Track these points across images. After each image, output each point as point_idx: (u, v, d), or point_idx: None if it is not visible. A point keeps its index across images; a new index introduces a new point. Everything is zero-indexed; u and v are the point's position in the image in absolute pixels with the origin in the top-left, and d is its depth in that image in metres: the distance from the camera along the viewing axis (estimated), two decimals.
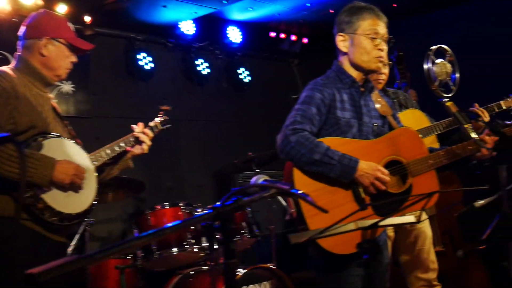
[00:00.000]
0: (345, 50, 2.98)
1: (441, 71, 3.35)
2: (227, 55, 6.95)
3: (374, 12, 2.97)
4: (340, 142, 2.82)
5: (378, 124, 3.03)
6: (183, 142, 6.55)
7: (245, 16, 6.45)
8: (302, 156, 2.73)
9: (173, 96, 6.40)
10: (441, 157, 2.96)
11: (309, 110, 2.84)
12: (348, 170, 2.73)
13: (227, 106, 6.98)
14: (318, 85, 2.93)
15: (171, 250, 4.65)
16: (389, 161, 2.90)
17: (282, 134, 2.81)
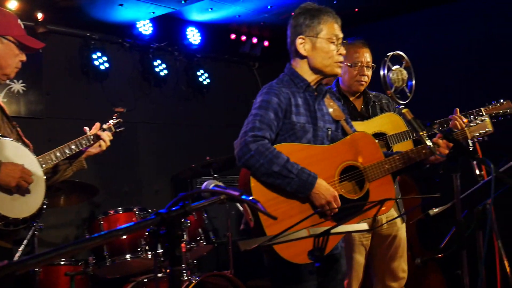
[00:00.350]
0: (304, 54, 2.94)
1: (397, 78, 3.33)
2: (186, 56, 6.82)
3: (333, 16, 2.97)
4: (296, 148, 2.77)
5: (332, 128, 3.00)
6: (140, 145, 6.41)
7: (205, 17, 6.35)
8: (261, 166, 2.66)
9: (130, 98, 6.26)
10: (397, 162, 2.95)
11: (267, 115, 2.77)
12: (306, 186, 2.68)
13: (185, 108, 6.85)
14: (274, 89, 2.86)
15: (124, 257, 4.54)
16: (346, 167, 2.88)
17: (241, 140, 2.72)
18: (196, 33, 6.56)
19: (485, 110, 3.75)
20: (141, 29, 6.07)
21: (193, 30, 6.55)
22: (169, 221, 1.74)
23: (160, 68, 6.42)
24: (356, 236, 3.71)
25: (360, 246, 3.75)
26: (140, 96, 6.41)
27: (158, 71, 6.42)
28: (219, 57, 7.27)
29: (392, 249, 3.82)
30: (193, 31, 6.54)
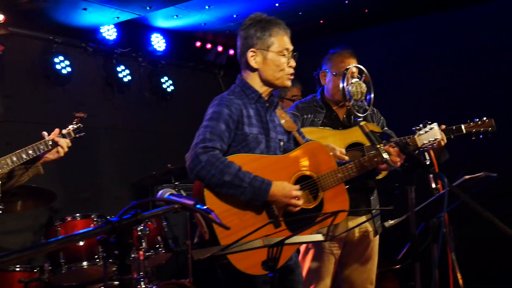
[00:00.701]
0: (256, 66, 2.94)
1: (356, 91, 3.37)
2: (150, 63, 6.78)
3: (283, 28, 2.97)
4: (250, 159, 2.77)
5: (284, 139, 3.01)
6: (102, 151, 6.34)
7: (170, 24, 6.33)
8: (212, 177, 2.64)
9: (92, 103, 6.18)
10: (350, 170, 2.98)
11: (218, 126, 2.75)
12: (260, 193, 2.67)
13: (148, 115, 6.80)
14: (225, 100, 2.86)
15: (80, 264, 4.48)
16: (299, 176, 2.88)
17: (192, 152, 2.70)
18: (161, 39, 6.53)
19: (466, 127, 3.72)
20: (105, 34, 6.02)
21: (158, 36, 6.51)
22: (120, 229, 1.72)
23: (123, 73, 6.37)
24: (326, 244, 3.68)
25: (330, 255, 3.72)
26: (102, 102, 6.35)
27: (122, 76, 6.36)
28: (184, 65, 7.24)
29: (362, 259, 3.81)
30: (158, 38, 6.51)
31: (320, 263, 3.70)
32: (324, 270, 3.70)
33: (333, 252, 3.73)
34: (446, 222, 3.59)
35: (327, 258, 3.71)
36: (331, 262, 3.73)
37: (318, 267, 3.68)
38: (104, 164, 6.35)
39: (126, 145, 6.54)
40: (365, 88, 3.38)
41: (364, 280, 3.82)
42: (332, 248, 3.71)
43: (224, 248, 2.07)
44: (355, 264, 3.81)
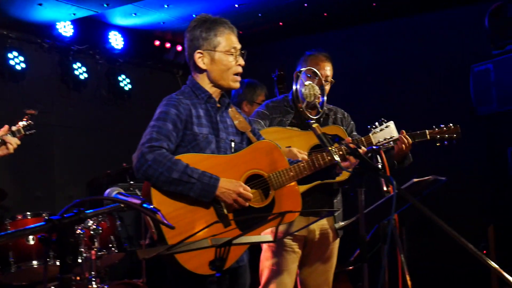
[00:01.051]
0: (204, 67, 2.92)
1: (309, 93, 3.40)
2: (108, 60, 6.69)
3: (229, 26, 2.96)
4: (199, 159, 2.76)
5: (236, 140, 3.00)
6: (56, 149, 6.23)
7: (129, 22, 6.27)
8: (160, 175, 2.61)
9: (47, 100, 6.08)
10: (302, 169, 2.98)
11: (165, 126, 2.73)
12: (209, 189, 2.66)
13: (105, 114, 6.71)
14: (173, 100, 2.84)
15: (30, 263, 4.41)
16: (250, 175, 2.88)
17: (138, 152, 2.68)
18: (119, 37, 6.46)
19: (430, 133, 3.76)
20: (61, 30, 5.92)
21: (116, 34, 6.44)
22: (61, 228, 1.70)
23: (80, 71, 6.27)
24: (287, 243, 3.67)
25: (292, 253, 3.70)
26: (58, 99, 6.25)
27: (78, 74, 6.26)
28: (142, 63, 7.17)
29: (321, 261, 3.82)
30: (116, 35, 6.43)
31: (282, 262, 3.69)
32: (286, 269, 3.69)
33: (295, 251, 3.72)
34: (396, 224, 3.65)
35: (289, 256, 3.70)
36: (294, 261, 3.72)
37: (280, 266, 3.68)
38: (58, 162, 6.25)
39: (81, 144, 6.44)
40: (318, 90, 3.42)
41: (321, 282, 3.84)
42: (293, 247, 3.71)
43: (169, 247, 2.06)
44: (314, 266, 3.82)
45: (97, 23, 6.26)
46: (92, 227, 4.61)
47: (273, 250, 3.71)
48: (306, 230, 3.71)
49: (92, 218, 4.55)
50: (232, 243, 2.24)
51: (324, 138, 2.90)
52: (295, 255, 3.72)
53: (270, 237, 2.49)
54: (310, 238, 3.76)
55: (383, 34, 6.38)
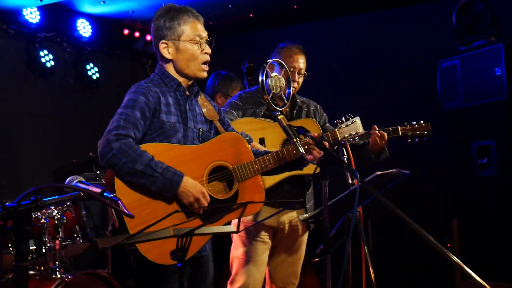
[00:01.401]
0: (169, 57, 2.90)
1: (275, 85, 3.40)
2: (76, 48, 6.61)
3: (193, 14, 2.93)
4: (164, 148, 2.73)
5: (203, 129, 2.98)
6: (22, 137, 6.14)
7: (97, 10, 6.20)
8: (123, 165, 2.58)
9: (13, 88, 5.98)
10: (267, 162, 2.97)
11: (133, 114, 2.70)
12: (171, 184, 2.64)
13: (72, 102, 6.63)
14: (142, 88, 2.81)
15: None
16: (215, 167, 2.87)
17: (104, 139, 2.64)
18: (87, 25, 6.38)
19: (402, 130, 3.79)
20: (27, 16, 5.82)
21: (84, 22, 6.35)
22: (16, 215, 1.67)
23: (46, 58, 6.18)
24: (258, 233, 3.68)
25: (262, 244, 3.71)
26: (24, 87, 6.14)
27: (45, 61, 6.17)
28: (110, 52, 7.09)
29: (290, 253, 3.83)
30: (83, 23, 6.35)
31: (253, 253, 3.69)
32: (256, 259, 3.70)
33: (265, 241, 3.72)
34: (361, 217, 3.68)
35: (259, 247, 3.71)
36: (264, 252, 3.73)
37: (250, 256, 3.68)
38: (24, 150, 6.15)
39: (48, 132, 6.36)
40: (284, 82, 3.41)
41: (289, 274, 3.86)
42: (263, 237, 3.71)
43: (129, 237, 2.04)
44: (282, 257, 3.83)
45: (64, 10, 6.17)
46: (56, 216, 4.55)
47: (243, 240, 3.71)
48: (276, 221, 3.72)
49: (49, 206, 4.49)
50: (194, 233, 2.23)
51: (289, 130, 2.91)
52: (265, 246, 3.73)
53: (233, 228, 2.49)
54: (280, 229, 3.77)
55: (352, 28, 6.42)
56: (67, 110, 6.58)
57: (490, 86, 4.73)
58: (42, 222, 4.42)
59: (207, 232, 2.36)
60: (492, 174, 4.75)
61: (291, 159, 3.03)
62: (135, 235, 2.05)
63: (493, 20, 4.80)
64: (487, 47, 4.79)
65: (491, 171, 4.76)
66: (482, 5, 4.84)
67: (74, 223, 4.80)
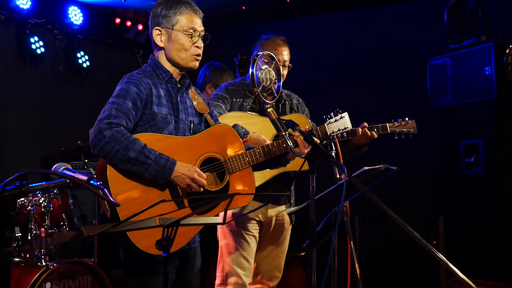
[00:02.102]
0: (161, 45, 2.91)
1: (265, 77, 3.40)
2: (66, 36, 6.55)
3: (192, 7, 2.94)
4: (156, 139, 2.74)
5: (194, 121, 2.99)
6: (10, 124, 6.09)
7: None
8: (116, 152, 2.58)
9: (2, 74, 5.93)
10: (257, 155, 3.00)
11: (124, 104, 2.70)
12: (164, 171, 2.65)
13: (61, 90, 6.58)
14: (134, 78, 2.81)
15: None
16: (206, 158, 2.88)
17: (95, 128, 2.64)
18: (78, 13, 6.35)
19: (390, 127, 3.82)
20: (18, 2, 5.77)
21: (75, 9, 6.32)
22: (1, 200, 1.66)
23: (37, 45, 6.13)
24: (249, 227, 3.68)
25: (253, 238, 3.71)
26: (13, 73, 6.09)
27: (35, 48, 6.12)
28: (101, 41, 7.05)
29: (275, 246, 3.84)
30: (75, 11, 6.32)
31: (245, 248, 3.69)
32: (248, 253, 3.69)
33: (255, 235, 3.73)
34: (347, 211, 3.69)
35: (250, 241, 3.71)
36: (254, 246, 3.73)
37: (241, 251, 3.67)
38: (12, 137, 6.11)
39: (36, 119, 6.31)
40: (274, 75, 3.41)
41: (273, 267, 3.87)
42: (253, 231, 3.72)
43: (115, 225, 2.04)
44: (267, 250, 3.84)
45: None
46: (43, 204, 4.54)
47: (234, 234, 3.70)
48: (263, 215, 3.72)
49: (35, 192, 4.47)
50: (180, 223, 2.23)
51: (278, 123, 2.91)
52: (255, 240, 3.74)
53: (219, 219, 2.49)
54: (267, 223, 3.78)
55: (344, 24, 6.42)
56: (57, 97, 6.54)
57: (479, 85, 4.75)
58: (29, 209, 4.40)
59: (193, 223, 2.36)
60: (479, 173, 4.78)
61: (281, 153, 3.05)
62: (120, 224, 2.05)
63: (484, 19, 4.82)
64: (477, 46, 4.80)
65: (478, 170, 4.79)
66: (473, 4, 4.85)
67: (60, 211, 4.79)
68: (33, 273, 4.24)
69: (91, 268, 4.61)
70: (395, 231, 3.84)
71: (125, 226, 2.09)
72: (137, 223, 2.16)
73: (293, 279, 5.34)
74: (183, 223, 2.26)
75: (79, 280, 4.57)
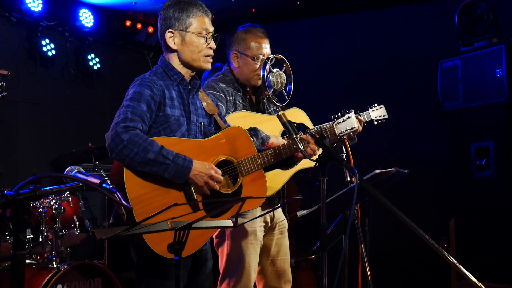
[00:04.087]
0: (174, 48, 2.92)
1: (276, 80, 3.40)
2: (77, 38, 6.60)
3: (203, 9, 2.97)
4: (170, 142, 2.75)
5: (205, 122, 3.01)
6: (21, 125, 6.14)
7: (100, 0, 6.22)
8: (135, 155, 2.59)
9: (13, 75, 5.91)
10: (269, 156, 3.00)
11: (139, 107, 2.71)
12: (183, 170, 2.67)
13: (72, 92, 6.62)
14: (147, 81, 2.82)
15: None
16: (219, 161, 2.89)
17: (112, 132, 2.64)
18: (89, 15, 6.38)
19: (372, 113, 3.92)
20: (30, 5, 5.83)
21: (86, 12, 6.36)
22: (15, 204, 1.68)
23: (48, 47, 6.17)
24: (258, 235, 3.54)
25: (258, 241, 3.58)
26: (24, 75, 6.14)
27: (46, 50, 6.17)
28: (112, 43, 7.09)
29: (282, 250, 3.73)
30: (86, 13, 6.36)
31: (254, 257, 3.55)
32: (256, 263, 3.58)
33: (261, 240, 3.61)
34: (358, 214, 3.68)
35: (258, 249, 3.58)
36: (259, 252, 3.60)
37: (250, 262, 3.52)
38: (23, 139, 6.15)
39: (47, 121, 6.36)
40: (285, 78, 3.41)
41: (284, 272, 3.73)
42: (259, 236, 3.59)
43: (127, 228, 2.04)
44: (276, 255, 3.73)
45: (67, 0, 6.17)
46: (54, 206, 4.55)
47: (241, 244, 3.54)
48: (270, 218, 3.69)
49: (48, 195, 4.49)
50: (192, 226, 2.23)
51: (290, 126, 2.92)
52: (260, 245, 3.62)
53: (230, 222, 2.49)
54: (272, 227, 3.70)
55: (354, 26, 6.42)
56: (67, 99, 6.58)
57: (490, 87, 4.73)
58: (40, 211, 4.42)
59: (205, 226, 2.36)
60: (490, 175, 4.76)
61: (291, 154, 3.06)
62: (132, 227, 2.05)
63: (495, 21, 4.80)
64: (488, 48, 4.78)
65: (489, 172, 4.77)
66: (484, 6, 4.84)
67: (72, 214, 4.80)
68: (44, 275, 4.26)
69: (102, 270, 4.62)
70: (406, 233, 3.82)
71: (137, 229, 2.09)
72: (148, 226, 2.17)
73: (303, 282, 5.34)
74: (194, 226, 2.25)
75: (89, 282, 4.58)
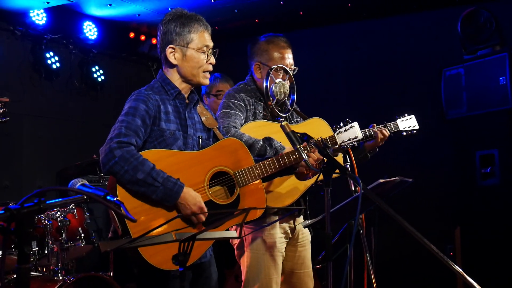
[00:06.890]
0: (174, 63, 2.93)
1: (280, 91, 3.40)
2: (81, 51, 6.63)
3: (203, 24, 2.97)
4: (165, 155, 2.76)
5: (203, 137, 3.00)
6: (26, 138, 6.16)
7: (104, 13, 6.22)
8: (125, 173, 2.60)
9: (18, 89, 6.00)
10: (267, 167, 2.99)
11: (134, 122, 2.72)
12: (172, 194, 2.66)
13: (76, 104, 6.65)
14: (142, 95, 2.83)
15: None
16: (216, 172, 2.88)
17: (106, 147, 2.66)
18: (93, 28, 6.40)
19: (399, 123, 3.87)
20: (34, 18, 5.85)
21: (90, 24, 6.38)
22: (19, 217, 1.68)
23: (52, 60, 6.20)
24: (279, 247, 3.49)
25: (279, 253, 3.50)
26: (29, 88, 6.17)
27: (50, 63, 6.19)
28: (116, 55, 7.13)
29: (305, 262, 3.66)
30: (90, 26, 6.38)
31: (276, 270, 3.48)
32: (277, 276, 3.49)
33: (282, 252, 3.53)
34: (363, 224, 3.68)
35: (277, 256, 3.50)
36: (281, 262, 3.54)
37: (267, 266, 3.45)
38: (28, 151, 6.17)
39: (52, 134, 6.38)
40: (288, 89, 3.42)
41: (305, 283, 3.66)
42: (282, 250, 3.53)
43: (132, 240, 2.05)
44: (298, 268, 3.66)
45: (71, 12, 6.20)
46: (59, 218, 4.56)
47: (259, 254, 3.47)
48: (291, 229, 3.60)
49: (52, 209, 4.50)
50: (196, 238, 2.24)
51: (293, 136, 2.92)
52: (282, 256, 3.54)
53: (235, 233, 2.50)
54: (294, 238, 3.63)
55: (357, 35, 6.43)
56: (72, 112, 6.60)
57: (494, 95, 4.73)
58: (45, 223, 4.43)
59: (209, 237, 2.37)
60: (495, 183, 4.74)
61: (291, 164, 3.04)
62: (137, 239, 2.06)
63: (498, 29, 4.80)
64: (491, 56, 4.79)
65: (494, 180, 4.75)
66: (487, 14, 4.84)
67: (77, 226, 4.80)
68: (50, 287, 4.25)
69: (108, 282, 4.60)
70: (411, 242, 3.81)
71: (142, 241, 2.09)
72: (153, 238, 2.17)
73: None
74: (199, 238, 2.26)
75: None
